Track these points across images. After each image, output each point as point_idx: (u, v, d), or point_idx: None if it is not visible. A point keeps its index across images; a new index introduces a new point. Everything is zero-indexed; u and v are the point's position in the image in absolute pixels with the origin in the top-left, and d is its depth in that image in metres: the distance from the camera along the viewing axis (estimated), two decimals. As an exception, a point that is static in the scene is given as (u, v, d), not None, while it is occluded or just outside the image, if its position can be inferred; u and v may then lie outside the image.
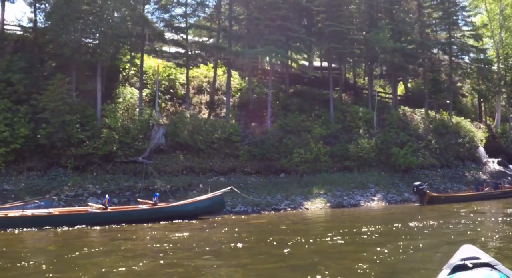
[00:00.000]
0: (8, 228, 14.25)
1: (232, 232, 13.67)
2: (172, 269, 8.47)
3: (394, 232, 12.86)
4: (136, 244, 12.20)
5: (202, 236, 13.22)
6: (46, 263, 9.09)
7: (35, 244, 12.74)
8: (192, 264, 8.96)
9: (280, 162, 23.95)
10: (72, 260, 9.51)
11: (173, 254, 10.08)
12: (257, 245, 11.11)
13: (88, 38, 23.59)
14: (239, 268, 8.53)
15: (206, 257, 9.75)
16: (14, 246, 12.22)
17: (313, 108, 27.50)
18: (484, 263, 2.28)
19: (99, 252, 10.65)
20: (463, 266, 2.28)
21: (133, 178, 22.13)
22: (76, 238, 13.28)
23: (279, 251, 9.90)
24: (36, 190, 20.72)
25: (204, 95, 27.22)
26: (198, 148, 23.22)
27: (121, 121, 23.21)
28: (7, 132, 21.49)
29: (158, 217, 16.19)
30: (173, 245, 11.16)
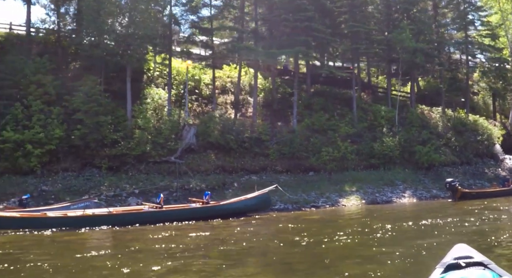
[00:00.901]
0: (69, 227, 14.36)
1: (299, 227, 14.05)
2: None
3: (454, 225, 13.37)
4: (211, 239, 12.51)
5: (271, 231, 13.56)
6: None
7: (110, 242, 12.97)
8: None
9: (309, 160, 24.35)
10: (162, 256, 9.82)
11: (278, 249, 10.44)
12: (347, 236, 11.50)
13: (119, 39, 23.66)
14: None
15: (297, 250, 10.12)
16: (88, 245, 12.45)
17: (335, 107, 28.00)
18: (477, 262, 2.25)
19: (178, 248, 10.96)
20: (456, 265, 2.25)
21: (167, 177, 22.33)
22: (143, 235, 13.55)
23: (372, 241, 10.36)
24: (73, 190, 20.85)
25: (229, 95, 27.52)
26: (229, 147, 23.52)
27: (153, 122, 23.42)
28: (42, 133, 21.61)
29: (210, 215, 16.45)
30: (259, 240, 11.50)
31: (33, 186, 20.85)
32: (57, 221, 14.33)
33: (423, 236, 11.19)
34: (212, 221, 16.18)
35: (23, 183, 21.04)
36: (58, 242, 12.51)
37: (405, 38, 25.41)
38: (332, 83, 31.38)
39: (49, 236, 13.30)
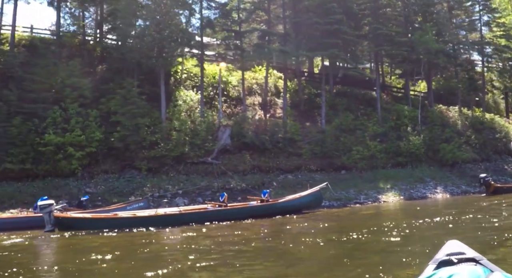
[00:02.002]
0: (140, 227, 14.52)
1: (366, 221, 14.59)
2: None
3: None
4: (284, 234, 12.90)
5: (343, 226, 14.05)
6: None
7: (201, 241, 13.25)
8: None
9: (341, 159, 24.96)
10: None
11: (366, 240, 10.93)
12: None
13: (153, 42, 23.92)
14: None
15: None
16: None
17: (357, 107, 28.73)
18: (469, 258, 2.27)
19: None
20: (448, 261, 2.27)
21: (206, 178, 22.63)
22: (217, 233, 13.90)
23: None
24: (117, 192, 21.02)
25: (256, 96, 27.98)
26: (264, 147, 23.95)
27: (189, 123, 23.74)
28: (83, 136, 21.75)
29: (269, 212, 16.83)
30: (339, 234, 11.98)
31: (76, 188, 20.98)
32: (129, 221, 14.55)
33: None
34: (273, 218, 16.55)
35: (65, 185, 21.17)
36: (142, 241, 12.75)
37: (429, 40, 26.25)
38: (348, 84, 32.08)
39: (130, 235, 13.50)
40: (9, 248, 12.37)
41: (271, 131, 24.18)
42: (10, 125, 21.40)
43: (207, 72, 27.41)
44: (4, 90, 22.17)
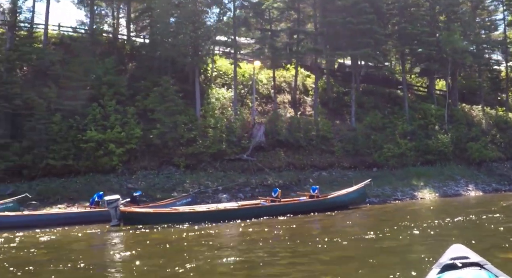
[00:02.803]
0: (200, 221, 14.77)
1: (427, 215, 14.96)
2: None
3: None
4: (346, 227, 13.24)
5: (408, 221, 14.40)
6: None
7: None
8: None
9: (372, 157, 25.33)
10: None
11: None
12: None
13: (190, 41, 24.20)
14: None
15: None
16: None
17: (385, 106, 29.12)
18: (474, 262, 2.26)
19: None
20: (453, 265, 2.26)
21: (242, 174, 22.94)
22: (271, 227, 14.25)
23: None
24: (159, 188, 21.29)
25: (285, 94, 28.30)
26: (298, 144, 24.29)
27: (225, 121, 24.05)
28: (123, 133, 22.02)
29: (320, 208, 17.15)
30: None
31: (118, 184, 21.26)
32: (190, 216, 14.86)
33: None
34: (323, 213, 16.87)
35: (106, 181, 21.43)
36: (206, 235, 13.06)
37: (457, 40, 26.66)
38: (370, 82, 32.42)
39: (194, 229, 13.79)
40: (82, 241, 12.69)
41: (304, 129, 24.50)
42: (50, 122, 21.68)
43: (239, 70, 27.77)
44: (43, 88, 22.41)
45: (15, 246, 11.52)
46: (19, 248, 11.18)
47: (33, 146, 21.29)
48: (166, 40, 23.71)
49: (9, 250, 10.95)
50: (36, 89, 22.54)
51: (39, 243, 11.89)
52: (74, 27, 29.07)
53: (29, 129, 21.52)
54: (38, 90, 22.44)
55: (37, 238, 12.84)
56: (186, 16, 23.82)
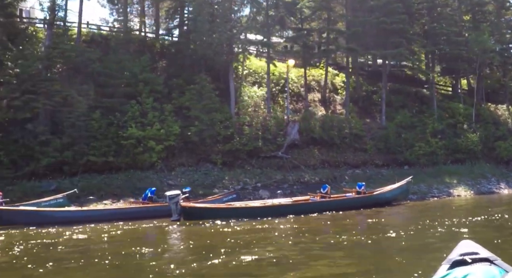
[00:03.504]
0: (254, 216, 15.02)
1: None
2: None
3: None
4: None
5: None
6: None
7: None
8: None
9: (404, 155, 25.63)
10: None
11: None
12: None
13: (225, 39, 24.45)
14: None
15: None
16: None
17: (413, 105, 29.43)
18: (483, 258, 2.24)
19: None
20: (462, 261, 2.22)
21: (278, 171, 23.24)
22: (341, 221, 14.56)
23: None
24: (199, 184, 21.53)
25: (315, 93, 28.57)
26: (332, 142, 24.57)
27: (260, 118, 24.33)
28: (163, 130, 22.29)
29: (367, 204, 17.42)
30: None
31: (158, 181, 21.51)
32: (245, 211, 15.15)
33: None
34: (370, 209, 17.14)
35: (146, 177, 21.67)
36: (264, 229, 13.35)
37: (485, 40, 26.95)
38: (393, 81, 32.65)
39: (250, 224, 14.03)
40: (150, 234, 12.98)
41: (338, 127, 24.76)
42: (90, 119, 21.95)
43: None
44: (82, 85, 22.68)
45: (85, 239, 11.86)
46: (91, 240, 11.53)
47: (73, 143, 21.55)
48: (201, 39, 23.86)
49: (80, 242, 11.28)
50: (74, 86, 22.82)
51: (111, 236, 12.18)
52: (108, 26, 29.21)
53: (69, 126, 21.79)
54: (77, 87, 22.72)
55: (104, 231, 13.14)
56: (222, 15, 24.04)
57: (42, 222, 14.10)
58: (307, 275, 6.85)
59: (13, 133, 21.52)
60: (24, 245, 10.64)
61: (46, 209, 15.33)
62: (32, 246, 10.55)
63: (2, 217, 13.85)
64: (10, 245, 10.73)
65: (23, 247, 10.29)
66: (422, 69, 29.09)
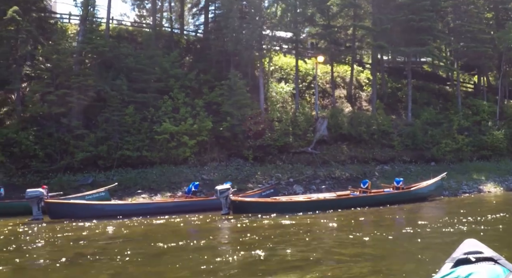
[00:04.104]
0: (299, 211, 15.21)
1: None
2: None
3: None
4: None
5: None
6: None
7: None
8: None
9: (431, 152, 25.84)
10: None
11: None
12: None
13: (255, 35, 24.62)
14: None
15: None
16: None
17: (437, 102, 29.62)
18: (487, 257, 2.21)
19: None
20: (466, 260, 2.21)
21: (309, 167, 23.46)
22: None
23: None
24: (232, 179, 21.55)
25: (340, 89, 28.76)
26: (361, 138, 24.77)
27: (290, 114, 24.53)
28: (196, 125, 22.51)
29: (406, 199, 17.64)
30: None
31: (192, 175, 21.73)
32: (293, 206, 15.41)
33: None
34: (407, 204, 17.34)
35: (179, 172, 21.90)
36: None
37: (511, 38, 27.10)
38: (414, 77, 32.79)
39: (296, 218, 14.23)
40: (204, 227, 13.21)
41: (366, 123, 24.96)
42: (124, 114, 22.19)
43: (293, 65, 28.23)
44: (117, 81, 22.89)
45: (140, 231, 12.13)
46: (148, 231, 11.79)
47: (108, 137, 21.84)
48: (232, 35, 24.03)
49: (135, 234, 11.52)
50: (107, 81, 23.03)
51: (168, 228, 12.43)
52: (136, 21, 29.40)
53: (104, 121, 22.08)
54: (110, 82, 22.93)
55: (159, 224, 13.39)
56: (252, 11, 24.20)
57: (94, 215, 14.33)
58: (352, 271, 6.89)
59: (47, 128, 21.79)
60: (73, 237, 10.89)
61: (97, 203, 15.57)
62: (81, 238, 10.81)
63: (54, 211, 14.08)
64: (81, 239, 10.99)
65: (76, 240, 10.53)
66: (449, 66, 29.18)
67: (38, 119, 22.20)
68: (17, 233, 12.15)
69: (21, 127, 21.55)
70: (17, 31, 22.15)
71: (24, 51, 23.31)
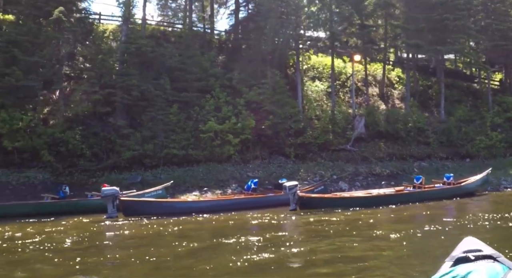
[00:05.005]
0: (361, 206, 15.53)
1: None
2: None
3: None
4: None
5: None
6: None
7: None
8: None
9: (465, 148, 26.26)
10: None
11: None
12: None
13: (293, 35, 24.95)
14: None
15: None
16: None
17: (467, 99, 30.06)
18: (487, 255, 2.23)
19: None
20: (465, 258, 2.22)
21: (349, 164, 23.82)
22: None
23: None
24: (276, 177, 21.98)
25: (373, 87, 29.12)
26: (398, 136, 25.15)
27: (329, 112, 24.89)
28: (239, 123, 22.84)
29: (456, 194, 17.99)
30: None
31: (238, 173, 22.09)
32: (352, 201, 15.78)
33: None
34: (458, 199, 17.69)
35: (224, 170, 22.22)
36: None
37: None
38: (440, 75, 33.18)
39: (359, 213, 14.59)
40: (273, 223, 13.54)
41: (403, 121, 25.34)
42: (168, 113, 22.50)
43: (325, 63, 28.62)
44: (159, 80, 23.19)
45: (213, 226, 12.49)
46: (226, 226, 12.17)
47: (153, 136, 22.15)
48: (270, 34, 24.34)
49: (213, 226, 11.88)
50: (149, 81, 23.32)
51: (240, 223, 12.79)
52: (168, 22, 29.69)
53: (149, 120, 22.38)
54: (151, 82, 23.22)
55: (229, 219, 13.74)
56: (290, 11, 24.54)
57: (164, 212, 14.67)
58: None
59: (92, 127, 22.08)
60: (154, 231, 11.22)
61: (167, 200, 15.95)
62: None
63: (128, 208, 14.40)
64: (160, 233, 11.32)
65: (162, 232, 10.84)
66: (481, 64, 29.59)
67: (82, 118, 22.47)
68: (101, 229, 12.51)
69: (66, 127, 21.78)
70: (61, 31, 22.43)
71: (66, 52, 23.60)
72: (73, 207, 15.91)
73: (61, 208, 15.71)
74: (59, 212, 15.34)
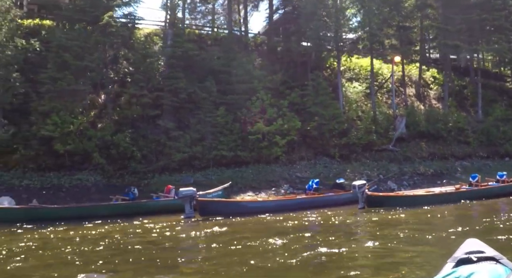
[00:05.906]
0: (427, 204, 15.87)
1: None
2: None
3: None
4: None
5: None
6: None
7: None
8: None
9: (504, 147, 26.53)
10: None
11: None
12: None
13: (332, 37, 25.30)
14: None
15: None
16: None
17: (501, 98, 30.34)
18: (489, 257, 2.22)
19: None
20: (468, 259, 2.22)
21: (392, 164, 24.11)
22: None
23: None
24: (324, 177, 22.31)
25: (409, 88, 29.39)
26: (439, 135, 25.44)
27: (371, 113, 25.20)
28: (286, 125, 23.17)
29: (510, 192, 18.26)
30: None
31: (286, 173, 22.43)
32: (417, 199, 16.14)
33: None
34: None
35: (272, 171, 22.54)
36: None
37: None
38: (469, 75, 33.41)
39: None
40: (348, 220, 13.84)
41: (443, 121, 25.62)
42: (215, 115, 22.84)
43: (360, 65, 28.96)
44: (205, 83, 23.54)
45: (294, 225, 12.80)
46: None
47: (202, 138, 22.50)
48: (313, 36, 24.70)
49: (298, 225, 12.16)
50: (194, 83, 23.67)
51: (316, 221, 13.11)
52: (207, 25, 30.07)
53: (197, 122, 22.74)
54: (197, 84, 23.57)
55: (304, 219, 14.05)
56: (331, 13, 24.89)
57: (238, 212, 15.02)
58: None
59: (141, 129, 22.46)
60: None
61: (240, 200, 16.37)
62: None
63: (204, 208, 14.75)
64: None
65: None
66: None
67: (130, 121, 22.83)
68: (186, 230, 12.82)
69: (115, 130, 22.13)
70: (108, 35, 22.81)
71: (113, 55, 24.01)
72: (143, 208, 16.26)
73: (131, 209, 16.06)
74: (129, 213, 15.71)
